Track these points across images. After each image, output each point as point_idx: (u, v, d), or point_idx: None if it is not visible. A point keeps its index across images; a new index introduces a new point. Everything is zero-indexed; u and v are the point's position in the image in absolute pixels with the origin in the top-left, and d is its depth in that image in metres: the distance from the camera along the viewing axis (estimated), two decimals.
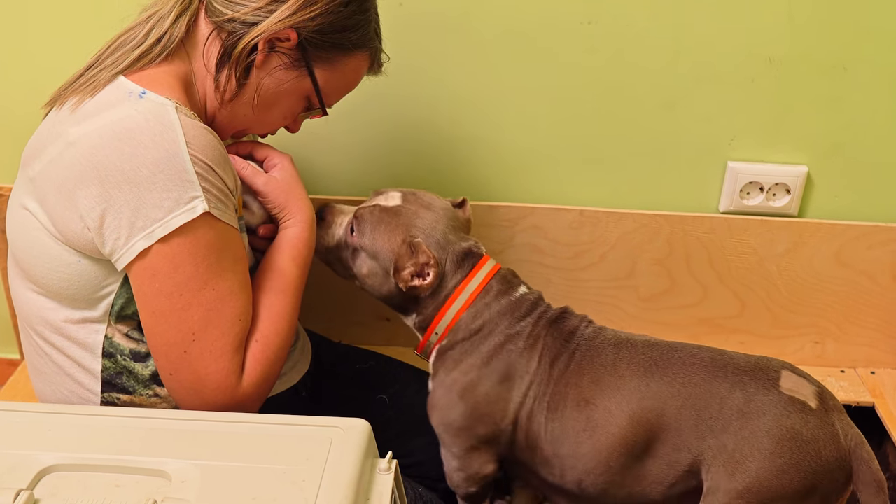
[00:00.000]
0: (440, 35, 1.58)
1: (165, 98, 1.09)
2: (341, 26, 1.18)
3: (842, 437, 1.17)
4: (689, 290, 1.76)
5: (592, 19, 1.56)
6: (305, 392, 1.41)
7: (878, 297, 1.74)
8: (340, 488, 0.92)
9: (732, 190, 1.68)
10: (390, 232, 1.29)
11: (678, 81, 1.60)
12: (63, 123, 1.12)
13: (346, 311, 1.80)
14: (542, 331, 1.30)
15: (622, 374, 1.24)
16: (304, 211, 1.26)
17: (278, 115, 1.25)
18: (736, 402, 1.18)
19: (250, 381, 1.14)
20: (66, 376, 1.22)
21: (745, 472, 1.16)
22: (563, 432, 1.26)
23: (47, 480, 0.93)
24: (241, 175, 1.24)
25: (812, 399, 1.18)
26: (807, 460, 1.15)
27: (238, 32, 1.15)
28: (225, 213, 1.11)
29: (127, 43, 1.15)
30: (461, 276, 1.30)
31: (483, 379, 1.28)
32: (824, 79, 1.59)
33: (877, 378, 1.79)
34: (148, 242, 1.06)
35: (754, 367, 1.22)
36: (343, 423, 1.01)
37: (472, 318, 1.30)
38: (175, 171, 1.05)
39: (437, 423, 1.34)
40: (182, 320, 1.09)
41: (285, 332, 1.19)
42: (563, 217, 1.69)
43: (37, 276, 1.17)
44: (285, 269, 1.22)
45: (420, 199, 1.34)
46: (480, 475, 1.33)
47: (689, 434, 1.19)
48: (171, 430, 1.01)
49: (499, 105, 1.64)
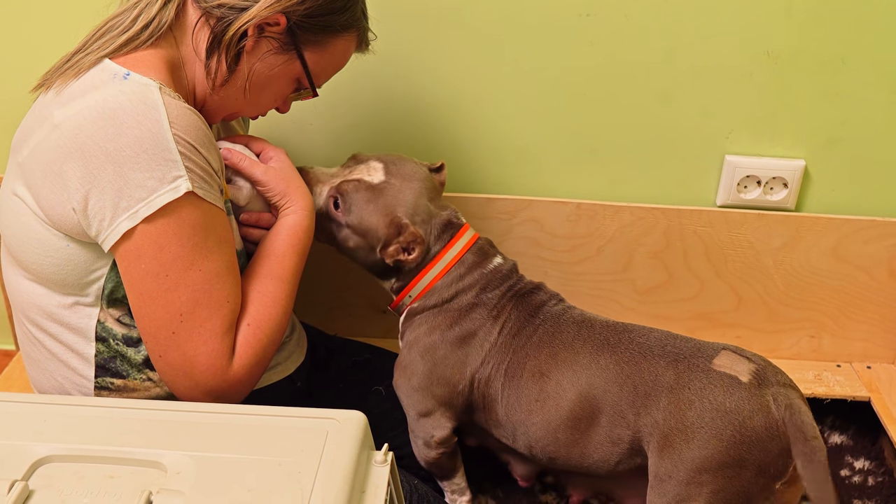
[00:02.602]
0: (437, 27, 1.58)
1: (149, 79, 1.09)
2: (329, 9, 1.18)
3: (773, 408, 1.15)
4: (686, 283, 1.76)
5: (591, 12, 1.55)
6: (301, 383, 1.41)
7: (875, 292, 1.74)
8: (336, 480, 0.92)
9: (730, 184, 1.68)
10: (377, 212, 1.33)
11: (676, 75, 1.60)
12: (48, 107, 1.12)
13: (341, 304, 1.80)
14: (509, 303, 1.35)
15: (578, 350, 1.28)
16: (305, 198, 1.27)
17: (269, 98, 1.26)
18: (668, 379, 1.20)
19: (241, 364, 1.13)
20: (60, 363, 1.22)
21: (672, 446, 1.17)
22: (517, 400, 1.30)
23: (42, 471, 0.93)
24: (239, 166, 1.24)
25: (745, 375, 1.18)
26: (729, 430, 1.14)
27: (227, 18, 1.15)
28: (209, 192, 1.10)
29: (114, 28, 1.15)
30: (441, 246, 1.35)
31: (444, 342, 1.33)
32: (822, 73, 1.59)
33: (873, 373, 1.79)
34: (132, 223, 1.06)
35: (694, 349, 1.23)
36: (339, 415, 1.01)
37: (446, 287, 1.35)
38: (158, 151, 1.05)
39: (398, 382, 1.38)
40: (169, 301, 1.09)
41: (279, 319, 1.19)
42: (560, 210, 1.69)
43: (28, 263, 1.17)
44: (283, 256, 1.22)
45: (401, 169, 1.37)
46: (436, 438, 1.36)
47: (628, 411, 1.22)
48: (167, 421, 1.01)
49: (496, 98, 1.64)
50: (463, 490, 1.44)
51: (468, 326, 1.33)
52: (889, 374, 1.79)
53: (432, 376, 1.34)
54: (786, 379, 1.21)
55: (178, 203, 1.06)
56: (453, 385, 1.33)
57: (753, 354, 1.23)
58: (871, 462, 1.72)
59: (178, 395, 1.15)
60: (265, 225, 1.28)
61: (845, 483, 1.67)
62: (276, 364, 1.35)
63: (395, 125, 1.67)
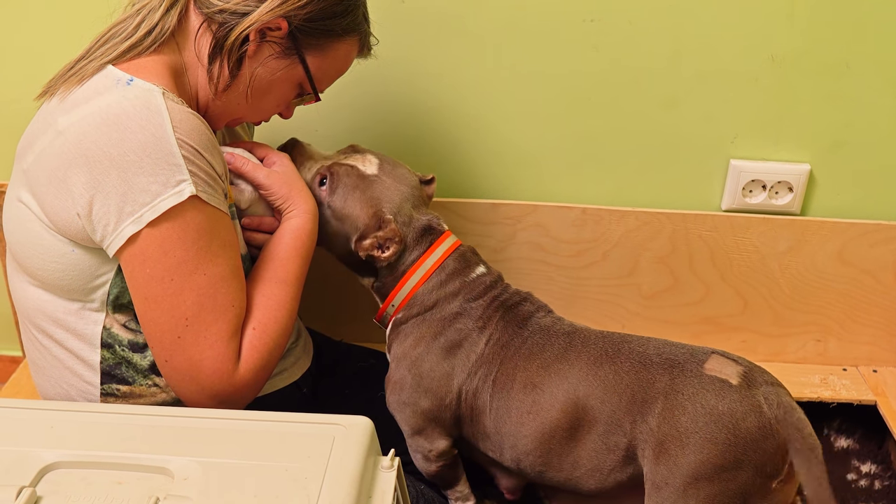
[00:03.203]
0: (441, 32, 1.58)
1: (153, 84, 1.09)
2: (331, 13, 1.19)
3: (765, 407, 1.15)
4: (692, 288, 1.76)
5: (595, 17, 1.55)
6: (306, 389, 1.41)
7: (881, 296, 1.74)
8: (343, 486, 0.92)
9: (735, 188, 1.68)
10: (363, 202, 1.31)
11: (680, 79, 1.60)
12: (53, 113, 1.12)
13: (347, 309, 1.79)
14: (495, 313, 1.33)
15: (571, 362, 1.27)
16: (308, 202, 1.27)
17: (272, 103, 1.26)
18: (661, 385, 1.20)
19: (247, 368, 1.13)
20: (66, 369, 1.22)
21: (668, 452, 1.17)
22: (507, 411, 1.29)
23: (50, 477, 0.93)
24: (242, 171, 1.24)
25: (734, 377, 1.18)
26: (723, 434, 1.14)
27: (229, 23, 1.15)
28: (213, 196, 1.11)
29: (117, 35, 1.16)
30: (419, 252, 1.34)
31: (430, 353, 1.32)
32: (827, 77, 1.59)
33: (879, 376, 1.79)
34: (137, 227, 1.06)
35: (686, 355, 1.23)
36: (346, 420, 1.01)
37: (427, 294, 1.33)
38: (162, 155, 1.05)
39: (389, 398, 1.37)
40: (174, 305, 1.09)
41: (284, 322, 1.19)
42: (565, 215, 1.69)
43: (33, 269, 1.17)
44: (287, 259, 1.22)
45: (394, 171, 1.36)
46: (434, 452, 1.35)
47: (625, 419, 1.21)
48: (174, 427, 1.01)
49: (500, 103, 1.64)
50: (467, 496, 1.44)
51: (453, 336, 1.31)
52: (895, 378, 1.78)
53: (419, 389, 1.32)
54: (772, 378, 1.21)
55: (183, 207, 1.07)
56: (440, 398, 1.31)
57: (739, 357, 1.23)
58: (877, 466, 1.71)
59: (185, 400, 1.15)
60: (267, 229, 1.28)
61: (851, 487, 1.67)
62: (281, 370, 1.35)
63: (399, 130, 1.67)
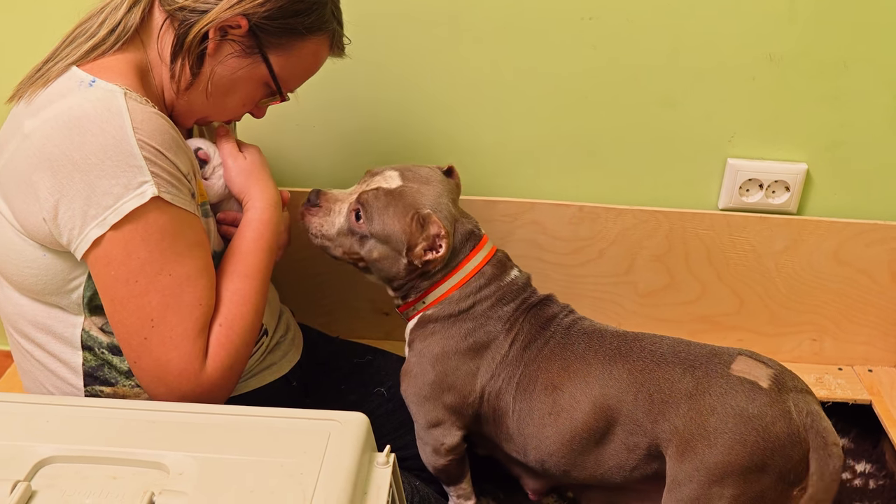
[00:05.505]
0: (439, 30, 1.58)
1: (115, 85, 1.09)
2: (292, 11, 1.17)
3: (794, 414, 1.16)
4: (688, 286, 1.76)
5: (593, 15, 1.55)
6: (296, 382, 1.41)
7: (877, 295, 1.74)
8: (338, 481, 0.92)
9: (732, 187, 1.68)
10: (399, 213, 1.29)
11: (678, 78, 1.60)
12: (20, 117, 1.12)
13: (343, 306, 1.80)
14: (521, 315, 1.34)
15: (589, 362, 1.27)
16: (266, 192, 1.25)
17: (237, 102, 1.24)
18: (686, 385, 1.20)
19: (215, 367, 1.12)
20: (49, 372, 1.22)
21: (694, 451, 1.17)
22: (529, 413, 1.29)
23: (45, 472, 0.93)
24: None
25: (764, 380, 1.18)
26: (753, 436, 1.14)
27: (189, 21, 1.14)
28: (177, 196, 1.10)
29: (81, 35, 1.15)
30: (463, 255, 1.33)
31: (457, 352, 1.32)
32: (824, 76, 1.59)
33: (874, 376, 1.79)
34: (101, 230, 1.06)
35: (709, 354, 1.23)
36: (341, 416, 1.01)
37: (464, 297, 1.33)
38: (123, 157, 1.04)
39: (407, 390, 1.37)
40: (140, 307, 1.09)
41: (251, 316, 1.18)
42: (562, 213, 1.69)
43: (9, 274, 1.17)
44: (248, 252, 1.21)
45: (417, 174, 1.35)
46: (445, 446, 1.36)
47: (645, 419, 1.21)
48: (169, 422, 1.01)
49: (498, 101, 1.64)
50: (469, 495, 1.44)
51: (482, 338, 1.32)
52: (890, 378, 1.79)
53: (443, 385, 1.32)
54: (802, 384, 1.21)
55: (145, 208, 1.06)
56: (464, 396, 1.32)
57: (769, 359, 1.23)
58: (872, 465, 1.72)
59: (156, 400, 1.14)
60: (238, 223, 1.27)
61: (846, 487, 1.67)
62: (271, 363, 1.35)
63: (398, 129, 1.67)
